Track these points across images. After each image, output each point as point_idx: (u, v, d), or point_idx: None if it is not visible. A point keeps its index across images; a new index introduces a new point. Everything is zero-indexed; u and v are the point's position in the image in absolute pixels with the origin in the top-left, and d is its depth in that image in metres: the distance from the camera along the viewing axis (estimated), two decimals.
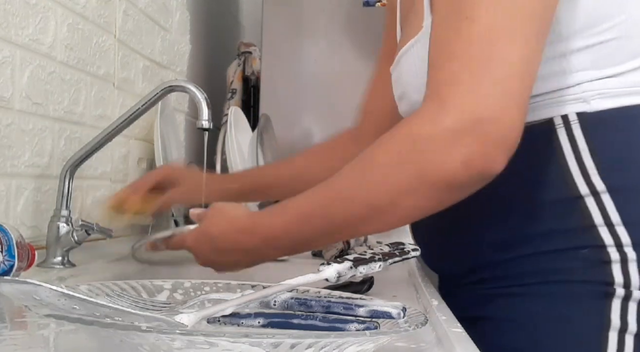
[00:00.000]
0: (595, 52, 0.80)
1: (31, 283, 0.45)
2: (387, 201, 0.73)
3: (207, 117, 1.03)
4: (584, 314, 0.80)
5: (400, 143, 0.73)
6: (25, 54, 1.08)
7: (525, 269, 0.83)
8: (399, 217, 0.76)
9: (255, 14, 2.54)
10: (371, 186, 0.74)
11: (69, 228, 1.07)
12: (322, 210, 0.79)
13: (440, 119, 0.69)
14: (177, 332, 0.45)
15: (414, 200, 0.73)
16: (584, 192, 0.79)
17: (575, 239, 0.80)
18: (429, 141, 0.70)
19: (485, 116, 0.68)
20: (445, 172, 0.70)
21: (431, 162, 0.70)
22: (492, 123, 0.68)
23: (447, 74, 0.71)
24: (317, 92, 2.22)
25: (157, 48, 1.71)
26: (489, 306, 0.87)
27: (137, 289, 0.66)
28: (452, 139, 0.69)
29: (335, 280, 0.62)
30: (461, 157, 0.68)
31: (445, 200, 0.74)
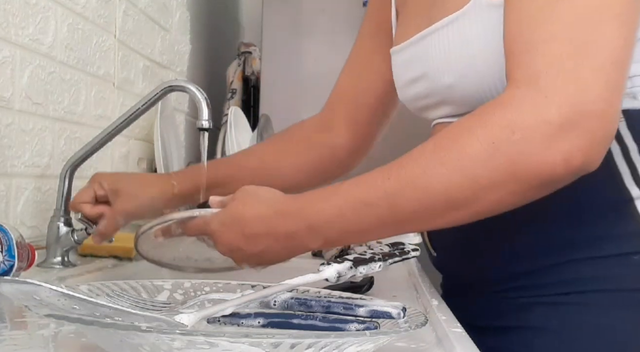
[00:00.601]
0: None
1: (31, 283, 0.45)
2: (469, 195, 0.66)
3: (207, 117, 1.02)
4: (634, 326, 0.75)
5: (494, 132, 0.65)
6: (25, 54, 1.08)
7: (570, 277, 0.77)
8: (476, 212, 0.69)
9: (255, 14, 2.54)
10: (454, 177, 0.66)
11: (69, 228, 1.07)
12: (388, 199, 0.69)
13: (543, 110, 0.63)
14: (177, 332, 0.45)
15: (499, 195, 0.66)
16: (635, 194, 0.75)
17: (626, 245, 0.75)
18: (530, 133, 0.63)
19: (591, 110, 0.63)
20: (542, 167, 0.64)
21: (529, 156, 0.64)
22: (597, 118, 0.63)
23: (546, 58, 0.65)
24: (317, 92, 2.22)
25: (157, 48, 1.71)
26: (526, 315, 0.81)
27: (137, 289, 0.66)
28: (555, 133, 0.63)
29: (335, 280, 0.62)
30: (563, 153, 0.63)
31: (531, 196, 0.68)
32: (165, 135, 1.60)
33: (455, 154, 0.66)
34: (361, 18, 1.16)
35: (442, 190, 0.67)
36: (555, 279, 0.78)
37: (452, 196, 0.67)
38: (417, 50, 0.86)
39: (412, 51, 0.87)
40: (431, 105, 0.87)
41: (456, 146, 0.67)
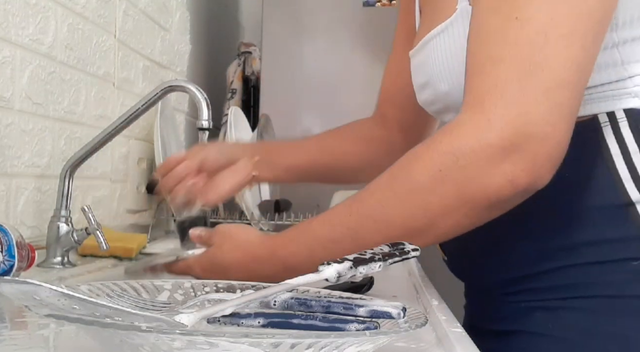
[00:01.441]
0: None
1: (31, 283, 0.45)
2: (426, 223, 0.69)
3: (207, 117, 1.02)
4: (633, 332, 0.74)
5: (440, 160, 0.67)
6: (25, 54, 1.08)
7: (568, 282, 0.76)
8: (436, 236, 0.71)
9: (255, 14, 2.54)
10: (408, 208, 0.69)
11: (69, 228, 1.07)
12: (352, 233, 0.72)
13: (485, 134, 0.65)
14: (177, 332, 0.45)
15: (454, 219, 0.68)
16: (635, 198, 0.73)
17: (625, 250, 0.74)
18: (472, 158, 0.65)
19: (532, 131, 0.63)
20: (489, 190, 0.66)
21: (474, 181, 0.66)
22: (540, 140, 0.64)
23: (491, 80, 0.66)
24: (317, 92, 2.23)
25: (157, 48, 1.71)
26: (526, 319, 0.80)
27: (137, 289, 0.66)
28: (497, 157, 0.64)
29: (335, 280, 0.62)
30: (506, 175, 0.64)
31: (486, 217, 0.70)
32: (165, 135, 1.60)
33: (407, 185, 0.69)
34: (361, 18, 1.16)
35: (399, 220, 0.70)
36: (554, 284, 0.78)
37: (409, 224, 0.69)
38: (422, 56, 0.86)
39: (419, 56, 0.88)
40: (440, 110, 0.88)
41: (407, 176, 0.69)
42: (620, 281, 0.74)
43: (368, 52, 2.17)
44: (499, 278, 0.84)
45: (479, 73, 0.67)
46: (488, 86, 0.66)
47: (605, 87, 0.74)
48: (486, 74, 0.66)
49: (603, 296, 0.75)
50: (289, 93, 2.26)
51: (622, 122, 0.74)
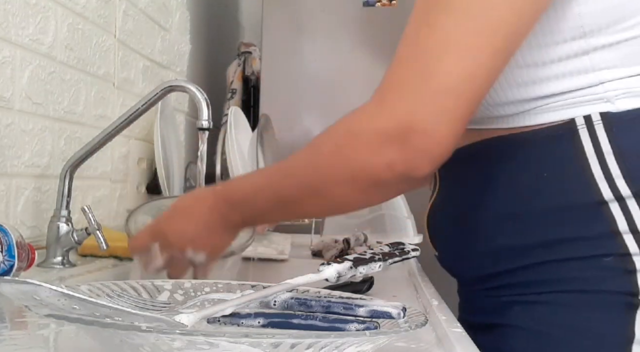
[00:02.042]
0: (621, 49, 0.76)
1: (31, 283, 0.45)
2: (321, 186, 0.78)
3: (207, 117, 1.02)
4: (605, 326, 0.76)
5: (338, 135, 0.77)
6: (25, 54, 1.08)
7: (545, 277, 0.79)
8: (333, 203, 0.81)
9: (255, 14, 2.54)
10: (310, 169, 0.80)
11: (69, 228, 1.07)
12: (271, 184, 0.84)
13: (375, 119, 0.72)
14: (177, 332, 0.45)
15: (345, 191, 0.77)
16: (608, 197, 0.75)
17: (598, 247, 0.76)
18: (361, 138, 0.73)
19: (415, 127, 0.70)
20: (371, 170, 0.73)
21: (358, 160, 0.74)
22: (418, 135, 0.70)
23: (393, 75, 0.73)
24: (317, 92, 2.22)
25: (157, 48, 1.71)
26: (506, 313, 0.83)
27: (137, 289, 0.66)
28: (379, 141, 0.72)
29: (335, 280, 0.62)
30: (385, 159, 0.71)
31: (374, 196, 0.79)
32: (165, 135, 1.60)
33: (314, 151, 0.80)
34: (361, 18, 1.17)
35: (303, 180, 0.81)
36: (531, 279, 0.81)
37: (311, 185, 0.80)
38: None
39: None
40: None
41: (316, 145, 0.80)
42: (594, 277, 0.77)
43: (368, 52, 2.17)
44: (481, 273, 0.87)
45: (389, 70, 0.75)
46: (391, 82, 0.74)
47: (579, 92, 0.77)
48: (393, 70, 0.74)
49: (577, 291, 0.77)
50: (289, 93, 2.26)
51: (598, 125, 0.76)
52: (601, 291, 0.77)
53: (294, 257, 1.38)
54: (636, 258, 0.75)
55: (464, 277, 0.94)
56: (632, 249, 0.75)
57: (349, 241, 1.39)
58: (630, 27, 0.76)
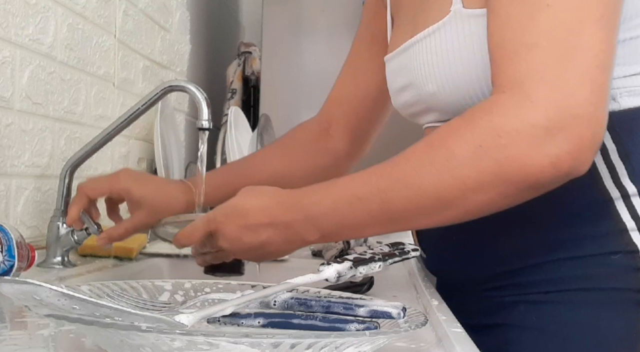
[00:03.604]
0: (627, 48, 0.76)
1: (31, 283, 0.45)
2: (458, 195, 0.68)
3: (207, 117, 1.02)
4: (614, 324, 0.76)
5: (481, 136, 0.67)
6: (25, 54, 1.08)
7: (550, 276, 0.79)
8: (465, 212, 0.70)
9: (255, 14, 2.54)
10: (443, 177, 0.68)
11: (69, 228, 1.07)
12: (380, 194, 0.71)
13: (529, 114, 0.64)
14: (177, 332, 0.45)
15: (487, 196, 0.68)
16: (615, 195, 0.76)
17: (606, 245, 0.76)
18: (515, 137, 0.65)
19: (578, 113, 0.63)
20: (530, 171, 0.65)
21: (515, 160, 0.65)
22: (585, 121, 0.64)
23: (529, 64, 0.66)
24: (317, 92, 2.22)
25: (157, 48, 1.71)
26: (510, 313, 0.83)
27: (137, 289, 0.66)
28: (542, 137, 0.64)
29: (335, 280, 0.62)
30: (550, 156, 0.64)
31: (520, 198, 0.70)
32: (165, 135, 1.60)
33: (444, 155, 0.68)
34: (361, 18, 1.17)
35: (432, 189, 0.69)
36: (536, 279, 0.80)
37: (442, 195, 0.69)
38: (404, 59, 0.87)
39: (400, 60, 0.89)
40: (419, 112, 0.89)
41: (445, 147, 0.69)
42: (600, 275, 0.77)
43: None
44: (480, 274, 0.87)
45: (513, 59, 0.67)
46: (526, 70, 0.66)
47: None
48: (522, 59, 0.66)
49: (585, 289, 0.77)
50: (289, 93, 2.26)
51: None
52: (609, 288, 0.77)
53: (294, 257, 1.37)
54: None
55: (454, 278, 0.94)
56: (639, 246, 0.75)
57: (349, 241, 1.39)
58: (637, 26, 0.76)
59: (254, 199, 0.80)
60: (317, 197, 0.76)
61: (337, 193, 0.75)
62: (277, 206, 0.78)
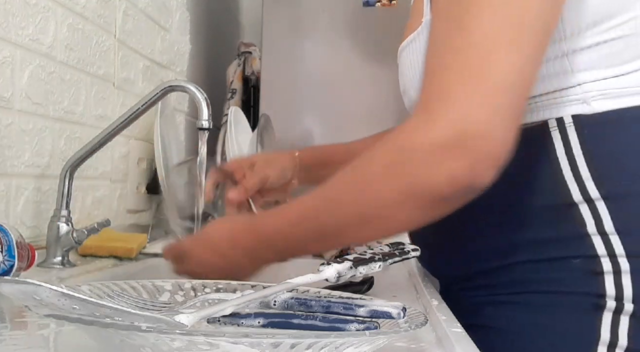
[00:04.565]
0: (601, 51, 0.77)
1: (31, 283, 0.45)
2: (373, 212, 0.73)
3: (207, 117, 1.02)
4: (573, 327, 0.78)
5: (388, 154, 0.72)
6: (25, 54, 1.08)
7: (515, 278, 0.81)
8: (389, 227, 0.75)
9: (255, 14, 2.54)
10: (360, 195, 0.73)
11: (69, 228, 1.07)
12: (313, 213, 0.78)
13: (428, 131, 0.68)
14: (177, 332, 0.45)
15: (400, 212, 0.72)
16: (577, 199, 0.77)
17: (568, 248, 0.78)
18: (415, 154, 0.69)
19: (473, 130, 0.66)
20: (430, 186, 0.68)
21: (417, 176, 0.69)
22: (480, 138, 0.66)
23: (437, 85, 0.70)
24: (317, 92, 2.22)
25: (157, 48, 1.71)
26: (479, 313, 0.85)
27: (137, 289, 0.66)
28: (438, 153, 0.67)
29: (335, 280, 0.62)
30: (447, 171, 0.67)
31: (433, 213, 0.73)
32: (165, 135, 1.60)
33: (363, 175, 0.74)
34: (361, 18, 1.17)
35: (353, 207, 0.74)
36: (503, 280, 0.83)
37: (362, 212, 0.74)
38: (400, 64, 0.90)
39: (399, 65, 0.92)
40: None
41: (364, 167, 0.74)
42: (563, 278, 0.78)
43: (368, 52, 2.17)
44: (458, 273, 0.90)
45: (430, 78, 0.71)
46: (435, 89, 0.70)
47: (555, 94, 0.78)
48: (436, 79, 0.70)
49: (547, 292, 0.79)
50: (289, 93, 2.26)
51: (570, 127, 0.78)
52: (569, 292, 0.78)
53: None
54: (604, 260, 0.76)
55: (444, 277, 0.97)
56: (599, 251, 0.76)
57: None
58: (611, 29, 0.77)
59: (221, 226, 0.89)
60: (270, 220, 0.83)
61: (285, 215, 0.82)
62: (239, 229, 0.86)
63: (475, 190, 0.69)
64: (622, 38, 0.77)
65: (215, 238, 0.87)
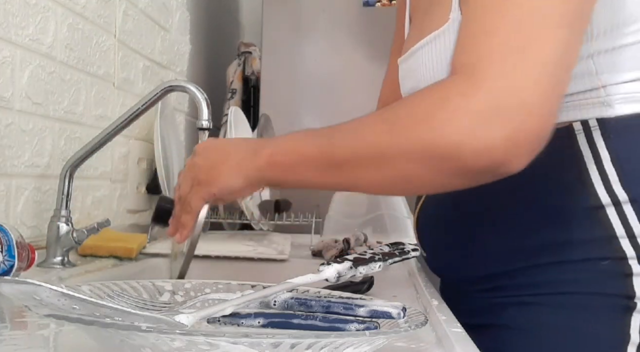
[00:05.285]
0: (627, 53, 0.76)
1: (31, 283, 0.45)
2: (392, 153, 0.68)
3: (207, 117, 1.02)
4: (601, 328, 0.77)
5: (426, 107, 0.67)
6: (25, 54, 1.08)
7: (541, 279, 0.80)
8: (396, 176, 0.70)
9: (255, 14, 2.54)
10: (383, 131, 0.69)
11: (69, 228, 1.07)
12: (330, 133, 0.74)
13: (472, 95, 0.64)
14: (177, 332, 0.45)
15: (418, 165, 0.67)
16: (605, 201, 0.76)
17: (595, 250, 0.77)
18: (456, 114, 0.64)
19: (518, 103, 0.63)
20: (462, 151, 0.64)
21: (450, 136, 0.64)
22: (524, 113, 0.63)
23: (484, 49, 0.66)
24: (317, 92, 2.22)
25: (157, 48, 1.71)
26: (501, 314, 0.84)
27: (137, 289, 0.66)
28: (480, 119, 0.63)
29: (335, 280, 0.62)
30: (485, 140, 0.63)
31: (450, 181, 0.69)
32: (165, 135, 1.60)
33: (391, 117, 0.70)
34: (361, 18, 1.17)
35: (372, 142, 0.70)
36: (526, 281, 0.82)
37: (380, 150, 0.69)
38: (411, 63, 0.88)
39: (408, 64, 0.90)
40: None
41: (394, 111, 0.71)
42: (588, 280, 0.78)
43: (368, 52, 2.17)
44: (475, 275, 0.88)
45: (472, 42, 0.67)
46: (481, 54, 0.66)
47: (580, 95, 0.77)
48: (480, 43, 0.66)
49: (573, 293, 0.79)
50: (289, 93, 2.26)
51: (595, 130, 0.77)
52: (597, 293, 0.78)
53: (294, 257, 1.37)
54: (632, 262, 0.76)
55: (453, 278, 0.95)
56: (628, 253, 0.76)
57: (349, 241, 1.39)
58: (636, 31, 0.76)
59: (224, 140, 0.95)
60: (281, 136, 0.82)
61: (304, 130, 0.80)
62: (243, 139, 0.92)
63: (505, 170, 0.65)
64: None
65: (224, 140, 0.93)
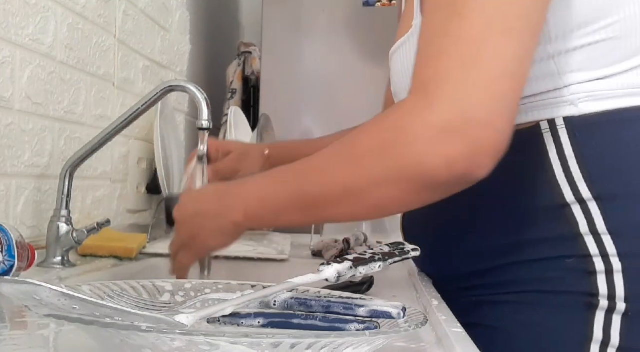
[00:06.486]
0: (587, 53, 0.77)
1: (31, 283, 0.45)
2: (361, 186, 0.71)
3: (207, 117, 1.02)
4: (566, 325, 0.79)
5: (384, 132, 0.70)
6: (25, 54, 1.08)
7: (509, 278, 0.82)
8: (371, 205, 0.73)
9: (255, 14, 2.54)
10: (348, 167, 0.72)
11: (69, 228, 1.07)
12: (298, 178, 0.77)
13: (426, 114, 0.66)
14: (177, 332, 0.45)
15: (389, 191, 0.70)
16: (570, 199, 0.77)
17: (561, 248, 0.78)
18: (412, 136, 0.67)
19: (473, 117, 0.65)
20: (425, 169, 0.67)
21: (412, 158, 0.67)
22: (481, 125, 0.65)
23: (435, 70, 0.68)
24: (317, 92, 2.22)
25: (157, 48, 1.71)
26: (475, 312, 0.86)
27: (137, 289, 0.66)
28: (437, 137, 0.66)
29: (335, 280, 0.62)
30: (444, 157, 0.66)
31: (422, 197, 0.72)
32: (165, 135, 1.60)
33: (352, 148, 0.73)
34: (361, 18, 1.17)
35: (339, 179, 0.72)
36: (496, 280, 0.83)
37: (347, 185, 0.72)
38: (391, 67, 0.91)
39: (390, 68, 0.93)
40: None
41: (353, 143, 0.73)
42: (556, 278, 0.79)
43: (368, 52, 2.17)
44: (451, 274, 0.91)
45: (424, 64, 0.70)
46: (432, 74, 0.68)
47: (544, 95, 0.78)
48: (431, 65, 0.69)
49: (540, 291, 0.80)
50: (289, 93, 2.26)
51: (561, 129, 0.78)
52: (563, 291, 0.79)
53: (294, 257, 1.37)
54: (596, 259, 0.77)
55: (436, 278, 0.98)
56: (592, 251, 0.77)
57: (349, 241, 1.39)
58: (596, 31, 0.77)
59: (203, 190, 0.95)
60: (253, 178, 0.83)
61: (268, 176, 0.81)
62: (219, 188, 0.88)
63: (470, 179, 0.68)
64: (607, 41, 0.77)
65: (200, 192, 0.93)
